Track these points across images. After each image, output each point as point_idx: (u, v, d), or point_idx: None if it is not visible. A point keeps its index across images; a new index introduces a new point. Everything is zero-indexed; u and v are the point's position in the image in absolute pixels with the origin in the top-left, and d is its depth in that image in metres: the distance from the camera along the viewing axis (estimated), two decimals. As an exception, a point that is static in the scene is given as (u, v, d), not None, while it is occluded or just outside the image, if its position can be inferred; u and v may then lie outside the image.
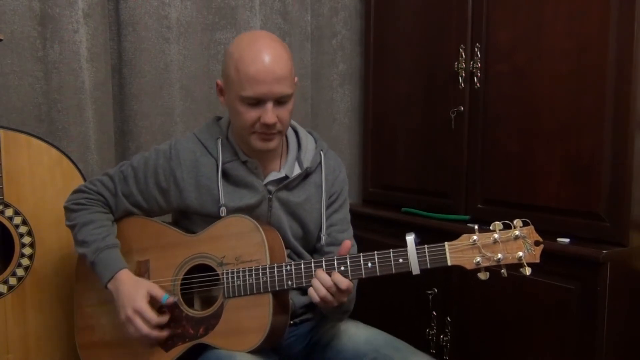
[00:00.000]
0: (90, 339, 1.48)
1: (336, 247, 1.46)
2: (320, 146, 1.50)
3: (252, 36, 1.38)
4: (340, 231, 1.50)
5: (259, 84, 1.29)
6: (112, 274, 1.37)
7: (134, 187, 1.44)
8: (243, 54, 1.31)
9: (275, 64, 1.30)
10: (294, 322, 1.47)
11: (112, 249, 1.41)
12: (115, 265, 1.38)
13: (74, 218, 1.45)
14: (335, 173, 1.51)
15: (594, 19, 1.51)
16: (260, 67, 1.29)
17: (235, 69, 1.31)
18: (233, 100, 1.34)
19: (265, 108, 1.31)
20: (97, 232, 1.41)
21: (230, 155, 1.42)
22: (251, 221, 1.35)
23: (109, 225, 1.45)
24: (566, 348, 1.53)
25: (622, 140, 1.47)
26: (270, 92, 1.30)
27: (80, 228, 1.43)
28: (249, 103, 1.31)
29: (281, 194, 1.43)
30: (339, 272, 1.26)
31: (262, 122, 1.32)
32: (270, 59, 1.30)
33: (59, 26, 1.86)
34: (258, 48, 1.31)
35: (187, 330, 1.36)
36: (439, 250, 1.22)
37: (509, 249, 1.19)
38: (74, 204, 1.47)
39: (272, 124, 1.32)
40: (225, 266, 1.34)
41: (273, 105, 1.31)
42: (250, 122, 1.33)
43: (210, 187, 1.40)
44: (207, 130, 1.46)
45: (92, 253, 1.39)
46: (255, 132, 1.34)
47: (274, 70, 1.30)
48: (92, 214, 1.45)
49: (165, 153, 1.43)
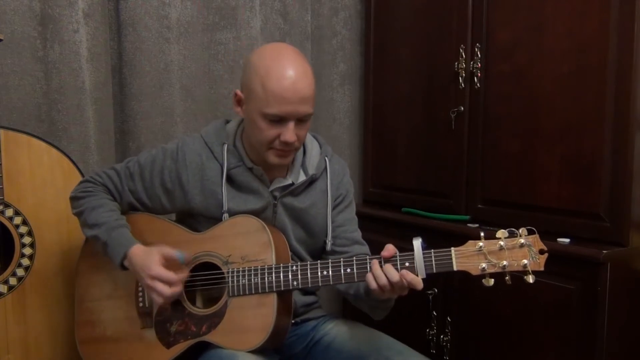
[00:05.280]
0: (91, 335, 1.48)
1: (348, 247, 1.46)
2: (325, 152, 1.50)
3: (278, 49, 1.36)
4: (350, 231, 1.50)
5: (285, 103, 1.28)
6: (126, 250, 1.35)
7: (139, 185, 1.44)
8: (269, 69, 1.29)
9: (302, 83, 1.29)
10: (295, 322, 1.47)
11: (124, 228, 1.40)
12: (128, 243, 1.37)
13: (82, 204, 1.45)
14: (339, 176, 1.51)
15: (594, 19, 1.51)
16: (287, 86, 1.28)
17: (261, 84, 1.29)
18: (254, 114, 1.33)
19: (287, 127, 1.30)
20: (107, 215, 1.41)
21: (235, 161, 1.41)
22: (258, 221, 1.35)
23: (117, 211, 1.45)
24: (566, 348, 1.53)
25: (622, 140, 1.47)
26: (295, 112, 1.29)
27: (90, 212, 1.42)
28: (272, 120, 1.30)
29: (286, 200, 1.44)
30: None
31: (282, 140, 1.31)
32: (297, 77, 1.29)
33: (59, 26, 1.86)
34: (285, 64, 1.29)
35: (190, 328, 1.36)
36: (445, 256, 1.22)
37: (514, 256, 1.20)
38: (81, 192, 1.47)
39: (292, 142, 1.31)
40: (231, 265, 1.34)
41: (295, 123, 1.31)
42: (269, 138, 1.32)
43: (214, 192, 1.40)
44: (215, 133, 1.45)
45: (105, 233, 1.38)
46: (272, 148, 1.34)
47: (302, 89, 1.29)
48: (100, 199, 1.45)
49: (172, 154, 1.43)
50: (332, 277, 1.28)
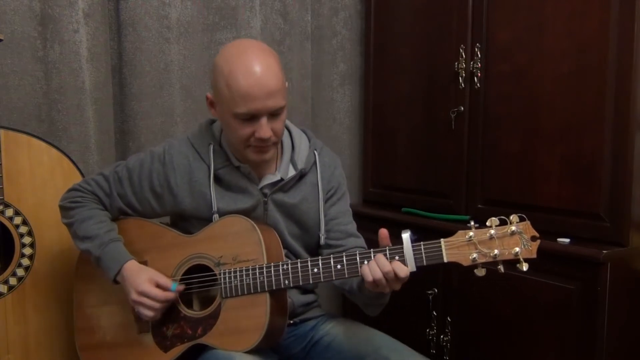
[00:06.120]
0: (90, 341, 1.48)
1: (343, 241, 1.46)
2: (313, 145, 1.49)
3: (240, 47, 1.34)
4: (344, 224, 1.49)
5: (252, 100, 1.27)
6: (119, 266, 1.37)
7: (128, 189, 1.44)
8: (232, 68, 1.28)
9: (267, 77, 1.28)
10: (293, 322, 1.47)
11: (117, 242, 1.41)
12: (122, 258, 1.38)
13: (72, 215, 1.45)
14: (330, 169, 1.50)
15: (594, 19, 1.51)
16: (252, 83, 1.26)
17: (226, 85, 1.29)
18: (225, 115, 1.33)
19: (259, 123, 1.30)
20: (98, 227, 1.41)
21: (222, 161, 1.41)
22: (248, 221, 1.35)
23: (108, 221, 1.45)
24: (566, 348, 1.53)
25: (622, 140, 1.47)
26: (264, 107, 1.29)
27: (80, 224, 1.43)
28: (243, 119, 1.30)
29: (276, 196, 1.43)
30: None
31: (257, 137, 1.31)
32: (261, 73, 1.27)
33: (59, 26, 1.86)
34: (247, 61, 1.28)
35: (186, 331, 1.36)
36: (434, 247, 1.22)
37: (505, 244, 1.19)
38: (69, 202, 1.47)
39: (268, 137, 1.31)
40: (223, 266, 1.34)
41: (267, 119, 1.30)
42: (244, 137, 1.32)
43: (203, 193, 1.40)
44: (200, 134, 1.45)
45: (97, 247, 1.39)
46: (250, 146, 1.34)
47: (267, 84, 1.27)
48: (90, 210, 1.45)
49: (160, 157, 1.43)
50: (322, 274, 1.28)
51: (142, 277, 1.35)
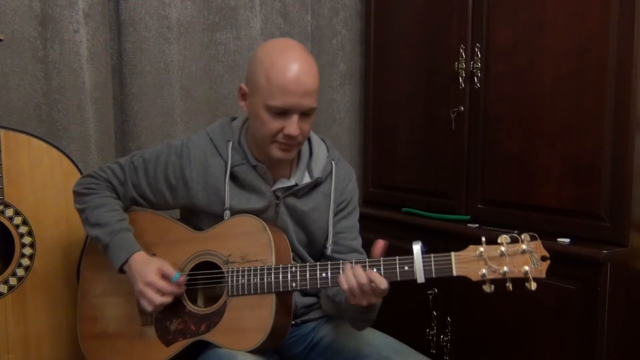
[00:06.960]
0: (93, 330, 1.48)
1: (345, 255, 1.46)
2: (332, 155, 1.49)
3: (284, 44, 1.37)
4: (350, 239, 1.49)
5: (289, 95, 1.28)
6: (127, 256, 1.36)
7: (143, 179, 1.44)
8: (275, 61, 1.30)
9: (307, 76, 1.31)
10: (295, 323, 1.47)
11: (127, 232, 1.41)
12: (130, 248, 1.38)
13: (85, 201, 1.45)
14: (345, 182, 1.50)
15: (594, 19, 1.51)
16: (292, 78, 1.28)
17: (265, 76, 1.29)
18: (257, 107, 1.33)
19: (290, 120, 1.31)
20: (110, 215, 1.41)
21: (240, 158, 1.41)
22: (259, 221, 1.35)
23: (120, 211, 1.45)
24: (566, 348, 1.53)
25: (622, 140, 1.47)
26: (298, 105, 1.30)
27: (92, 210, 1.42)
28: (275, 112, 1.31)
29: (289, 200, 1.43)
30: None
31: (285, 133, 1.31)
32: (302, 71, 1.30)
33: (59, 26, 1.86)
34: (290, 58, 1.30)
35: (189, 326, 1.36)
36: (444, 260, 1.22)
37: (515, 262, 1.19)
38: (84, 188, 1.47)
39: (296, 136, 1.31)
40: (231, 264, 1.34)
41: (298, 117, 1.31)
42: (273, 131, 1.32)
43: (217, 188, 1.40)
44: (220, 130, 1.45)
45: (107, 235, 1.39)
46: (275, 142, 1.34)
47: (306, 82, 1.30)
48: (103, 197, 1.45)
49: (177, 149, 1.43)
50: (330, 279, 1.28)
51: (151, 267, 1.34)
